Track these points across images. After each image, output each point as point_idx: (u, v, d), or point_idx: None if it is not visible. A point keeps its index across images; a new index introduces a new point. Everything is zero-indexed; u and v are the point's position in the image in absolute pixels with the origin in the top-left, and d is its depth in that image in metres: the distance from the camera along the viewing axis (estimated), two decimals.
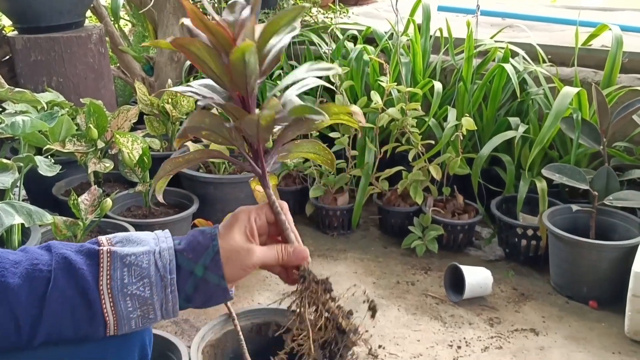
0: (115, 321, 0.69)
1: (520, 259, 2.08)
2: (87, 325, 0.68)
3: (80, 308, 0.67)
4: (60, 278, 0.67)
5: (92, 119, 2.02)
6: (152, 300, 0.70)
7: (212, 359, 1.32)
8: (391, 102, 2.23)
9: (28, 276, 0.67)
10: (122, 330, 0.70)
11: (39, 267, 0.68)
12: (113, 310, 0.68)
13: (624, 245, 1.73)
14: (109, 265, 0.69)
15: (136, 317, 0.70)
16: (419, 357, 1.58)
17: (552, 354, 1.59)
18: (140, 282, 0.70)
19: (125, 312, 0.69)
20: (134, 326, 0.71)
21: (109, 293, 0.68)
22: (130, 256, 0.70)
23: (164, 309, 0.71)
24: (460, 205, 2.23)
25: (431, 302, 1.86)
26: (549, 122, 1.94)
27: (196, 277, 0.71)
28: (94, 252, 0.70)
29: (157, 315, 0.71)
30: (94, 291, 0.68)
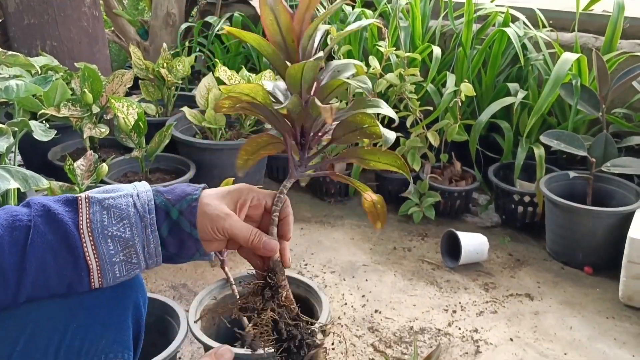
0: (98, 266, 0.68)
1: (516, 226, 2.09)
2: (71, 271, 0.68)
3: (63, 253, 0.67)
4: (41, 224, 0.67)
5: (86, 83, 1.99)
6: (134, 242, 0.70)
7: (210, 322, 1.33)
8: (389, 67, 2.21)
9: (8, 227, 0.66)
10: (107, 278, 0.70)
11: (19, 217, 0.67)
12: (95, 253, 0.68)
13: (620, 212, 1.73)
14: (88, 209, 0.69)
15: (119, 262, 0.70)
16: (415, 322, 1.60)
17: (546, 319, 1.61)
18: (120, 223, 0.69)
19: (108, 255, 0.69)
20: (118, 273, 0.70)
21: (89, 235, 0.68)
22: (108, 200, 0.70)
23: (146, 252, 0.71)
24: (457, 172, 2.23)
25: (427, 268, 1.87)
26: (547, 89, 1.93)
27: (171, 219, 0.71)
28: (72, 199, 0.70)
29: (140, 260, 0.71)
30: (75, 234, 0.67)
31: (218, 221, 0.71)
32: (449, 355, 1.47)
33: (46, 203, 0.69)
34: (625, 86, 1.84)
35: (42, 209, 0.68)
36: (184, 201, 0.72)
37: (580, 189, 1.91)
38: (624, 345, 1.50)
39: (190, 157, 2.13)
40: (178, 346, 1.18)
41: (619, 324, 1.59)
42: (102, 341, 0.73)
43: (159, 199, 0.72)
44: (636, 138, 1.93)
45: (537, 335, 1.54)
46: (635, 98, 2.03)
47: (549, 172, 1.99)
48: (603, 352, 1.47)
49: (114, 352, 0.75)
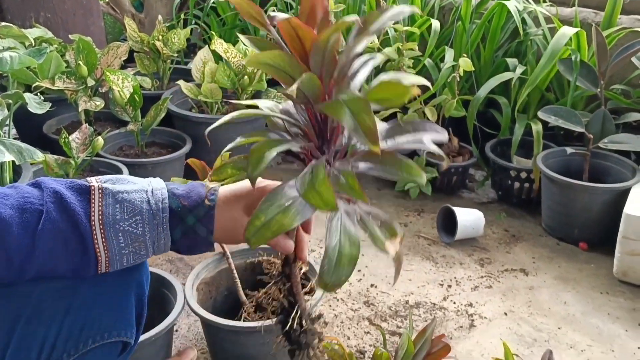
0: (107, 258, 0.68)
1: (512, 202, 2.09)
2: (79, 259, 0.68)
3: (73, 243, 0.66)
4: (53, 211, 0.66)
5: (81, 56, 1.97)
6: (144, 238, 0.70)
7: (207, 295, 1.34)
8: (387, 41, 2.19)
9: (19, 208, 0.65)
10: (114, 267, 0.70)
11: (30, 200, 0.67)
12: (105, 246, 0.68)
13: (617, 188, 1.74)
14: (101, 201, 0.68)
15: (128, 254, 0.70)
16: (410, 296, 1.61)
17: (541, 294, 1.62)
18: (133, 218, 0.69)
19: (117, 249, 0.69)
20: (126, 262, 0.71)
21: (101, 229, 0.67)
22: (122, 193, 0.69)
23: (156, 246, 0.71)
24: (455, 147, 2.22)
25: (423, 243, 1.88)
26: (543, 61, 1.92)
27: (186, 224, 0.71)
28: (85, 188, 0.69)
29: (148, 252, 0.71)
30: (86, 226, 0.67)
31: (236, 234, 0.73)
32: (443, 328, 1.48)
33: (59, 189, 0.68)
34: (624, 62, 1.83)
35: (54, 195, 0.67)
36: (201, 208, 0.71)
37: (577, 165, 1.91)
38: (617, 320, 1.51)
39: (186, 131, 2.12)
40: (175, 318, 1.18)
41: (613, 299, 1.60)
42: (104, 319, 0.74)
43: (174, 204, 0.71)
44: (634, 114, 1.92)
45: (531, 309, 1.56)
46: (634, 74, 2.02)
47: (546, 148, 1.99)
48: (597, 327, 1.49)
49: (116, 329, 0.75)
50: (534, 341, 1.44)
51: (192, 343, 1.43)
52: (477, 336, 1.46)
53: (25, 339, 0.68)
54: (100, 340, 0.73)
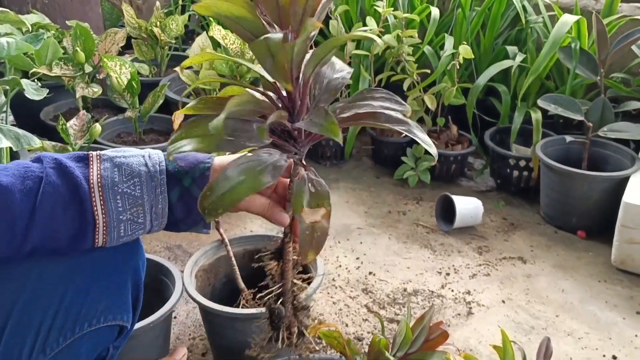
0: (104, 222, 0.68)
1: (511, 190, 2.09)
2: (78, 224, 0.67)
3: (72, 205, 0.67)
4: (52, 176, 0.66)
5: (78, 42, 1.96)
6: (143, 201, 0.70)
7: (205, 282, 1.34)
8: (387, 28, 2.18)
9: (20, 176, 0.66)
10: (111, 236, 0.69)
11: (31, 169, 0.67)
12: (103, 209, 0.68)
13: (615, 177, 1.74)
14: (99, 165, 0.69)
15: (125, 220, 0.69)
16: (408, 284, 1.61)
17: (538, 281, 1.63)
18: (131, 180, 0.69)
19: (115, 212, 0.68)
20: (123, 232, 0.70)
21: (99, 190, 0.68)
22: (120, 158, 0.70)
23: (153, 212, 0.71)
24: (454, 136, 2.22)
25: (422, 231, 1.88)
26: (545, 50, 1.91)
27: (182, 186, 0.72)
28: (83, 156, 0.70)
29: (145, 220, 0.71)
30: (85, 188, 0.67)
31: None
32: (441, 316, 1.49)
33: (58, 157, 0.69)
34: (624, 50, 1.82)
35: (54, 162, 0.68)
36: (197, 169, 0.72)
37: (576, 154, 1.91)
38: (615, 308, 1.52)
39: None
40: (173, 305, 1.18)
41: (610, 287, 1.60)
42: (101, 304, 0.74)
43: (171, 165, 0.72)
44: (634, 103, 1.92)
45: (529, 297, 1.56)
46: (634, 62, 2.02)
47: (546, 136, 1.99)
48: (594, 315, 1.49)
49: (113, 314, 0.75)
50: (532, 329, 1.44)
51: (190, 330, 1.43)
52: (475, 323, 1.46)
53: (21, 323, 0.68)
54: (97, 323, 0.74)
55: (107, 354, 0.81)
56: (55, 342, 0.71)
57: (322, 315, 1.48)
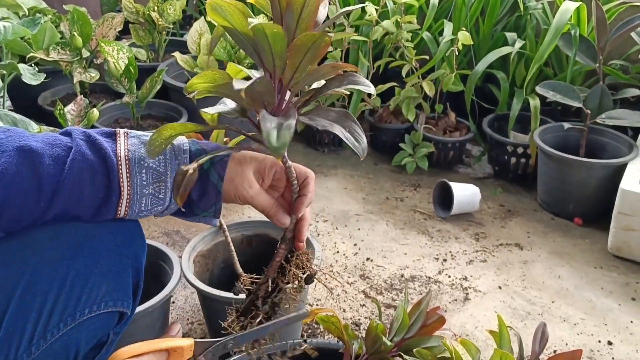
0: (129, 194, 0.71)
1: (509, 177, 2.10)
2: (103, 194, 0.70)
3: (99, 174, 0.69)
4: (82, 146, 0.69)
5: (76, 26, 1.94)
6: (166, 177, 0.72)
7: (203, 268, 1.34)
8: (386, 14, 2.17)
9: (49, 143, 0.68)
10: (133, 209, 0.72)
11: (59, 139, 0.69)
12: (129, 181, 0.70)
13: (613, 164, 1.74)
14: (127, 140, 0.72)
15: (148, 194, 0.72)
16: (406, 270, 1.62)
17: (535, 268, 1.64)
18: (157, 157, 0.72)
19: (140, 185, 0.71)
20: (144, 206, 0.73)
21: (126, 163, 0.70)
22: (145, 136, 0.73)
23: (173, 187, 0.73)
24: (452, 122, 2.22)
25: (419, 218, 1.89)
26: (548, 38, 1.90)
27: (202, 168, 0.74)
28: (111, 132, 0.73)
29: (166, 195, 0.73)
30: (113, 159, 0.69)
31: (241, 190, 0.75)
32: (438, 301, 1.50)
33: (87, 131, 0.71)
34: (623, 37, 1.82)
35: (83, 134, 0.70)
36: (217, 155, 0.75)
37: (574, 141, 1.91)
38: (610, 294, 1.53)
39: (181, 103, 2.11)
40: (171, 290, 1.19)
41: (606, 273, 1.61)
42: (102, 289, 0.74)
43: (194, 147, 0.75)
44: (632, 90, 1.92)
45: (525, 283, 1.57)
46: (633, 49, 2.01)
47: (544, 123, 1.99)
48: (590, 301, 1.50)
49: (113, 300, 0.75)
50: (528, 314, 1.45)
51: (188, 315, 1.44)
52: (472, 309, 1.47)
53: (22, 308, 0.68)
54: (97, 310, 0.74)
55: (107, 340, 0.81)
56: (55, 327, 0.71)
57: (319, 300, 1.49)
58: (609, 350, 1.34)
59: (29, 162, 0.65)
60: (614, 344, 1.36)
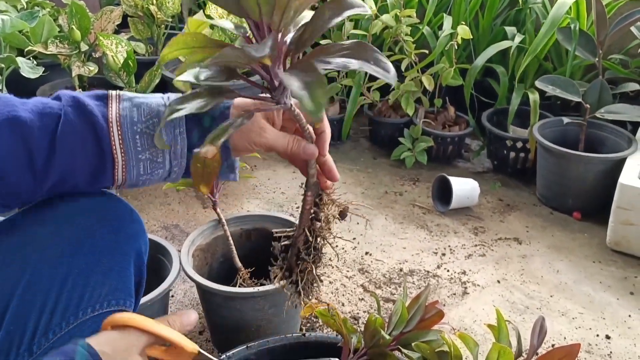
0: (123, 160, 0.68)
1: (507, 171, 2.10)
2: (97, 162, 0.68)
3: (90, 143, 0.67)
4: (71, 113, 0.66)
5: (74, 20, 1.94)
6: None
7: (202, 262, 1.34)
8: (385, 8, 2.16)
9: (39, 112, 0.65)
10: (131, 174, 0.69)
11: (49, 105, 0.67)
12: (122, 148, 0.67)
13: (612, 158, 1.74)
14: (118, 104, 0.68)
15: (145, 160, 0.69)
16: (404, 264, 1.62)
17: (533, 262, 1.64)
18: (150, 120, 0.69)
19: (134, 151, 0.68)
20: (142, 171, 0.70)
21: (118, 129, 0.67)
22: (139, 98, 0.70)
23: (172, 151, 0.70)
24: (451, 117, 2.22)
25: (418, 212, 1.89)
26: (544, 30, 1.90)
27: (203, 126, 0.70)
28: (102, 95, 0.69)
29: (165, 159, 0.70)
30: (103, 126, 0.67)
31: (254, 137, 0.70)
32: (437, 296, 1.50)
33: (76, 95, 0.68)
34: (623, 31, 1.82)
35: (72, 100, 0.67)
36: (217, 108, 0.71)
37: (573, 135, 1.91)
38: (608, 289, 1.53)
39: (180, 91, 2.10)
40: (171, 284, 1.19)
41: (605, 268, 1.62)
42: (104, 288, 0.73)
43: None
44: (632, 84, 1.91)
45: (523, 277, 1.57)
46: (633, 44, 2.01)
47: (543, 118, 1.98)
48: (588, 295, 1.51)
49: (115, 299, 0.74)
50: (526, 308, 1.46)
51: (187, 308, 1.44)
52: (470, 303, 1.47)
53: (22, 307, 0.68)
54: (100, 309, 0.72)
55: None
56: (57, 326, 0.69)
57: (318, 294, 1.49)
58: (607, 344, 1.34)
59: (19, 135, 0.64)
60: (611, 337, 1.36)
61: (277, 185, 2.02)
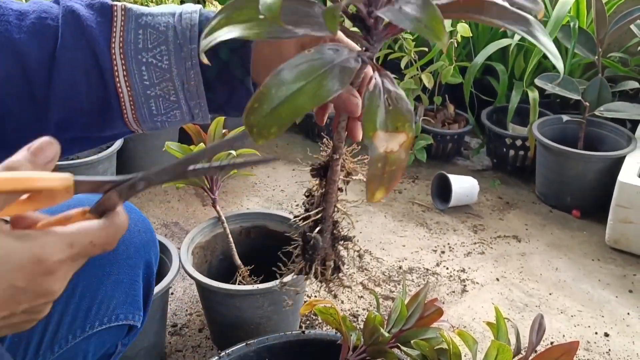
0: (130, 96, 0.58)
1: (507, 169, 2.10)
2: (102, 96, 0.58)
3: (93, 74, 0.57)
4: (69, 37, 0.56)
5: None
6: (171, 75, 0.57)
7: (202, 259, 1.34)
8: None
9: (36, 32, 0.56)
10: (141, 112, 0.59)
11: (47, 21, 0.56)
12: (127, 82, 0.57)
13: (611, 156, 1.74)
14: (123, 24, 0.57)
15: (155, 97, 0.58)
16: (404, 261, 1.62)
17: (532, 260, 1.64)
18: (157, 48, 0.57)
19: (141, 86, 0.58)
20: (155, 109, 0.59)
21: (122, 58, 0.57)
22: (146, 16, 0.57)
23: (186, 89, 0.58)
24: (450, 114, 2.22)
25: (417, 210, 1.89)
26: (548, 30, 1.89)
27: (219, 59, 0.58)
28: (107, 8, 0.58)
29: (179, 98, 0.59)
30: (106, 55, 0.56)
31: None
32: (436, 293, 1.50)
33: (77, 9, 0.57)
34: (622, 29, 1.82)
35: (71, 16, 0.56)
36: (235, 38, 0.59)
37: (572, 133, 1.91)
38: (607, 287, 1.53)
39: None
40: (170, 282, 1.19)
41: (604, 266, 1.62)
42: (112, 302, 0.71)
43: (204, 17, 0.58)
44: (631, 82, 1.91)
45: (523, 275, 1.58)
46: (632, 42, 2.01)
47: (542, 116, 1.99)
48: (587, 293, 1.51)
49: (124, 313, 0.73)
50: (525, 306, 1.46)
51: (187, 306, 1.45)
52: (469, 301, 1.47)
53: None
54: (107, 322, 0.71)
55: (115, 350, 0.78)
56: (64, 339, 0.68)
57: (317, 292, 1.49)
58: (605, 342, 1.35)
59: (16, 62, 0.55)
60: (610, 335, 1.36)
61: (276, 183, 2.02)
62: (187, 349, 1.32)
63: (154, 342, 1.23)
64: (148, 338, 1.21)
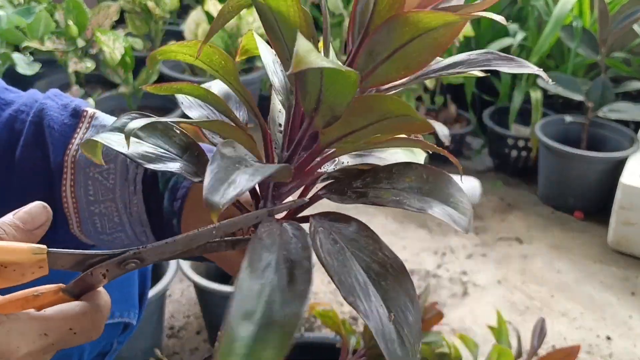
0: (75, 208, 0.53)
1: (509, 170, 2.08)
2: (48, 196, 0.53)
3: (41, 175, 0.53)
4: (31, 137, 0.53)
5: (71, 15, 1.92)
6: (114, 195, 0.53)
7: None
8: None
9: (7, 124, 0.54)
10: (87, 229, 0.55)
11: (22, 116, 0.54)
12: (73, 192, 0.53)
13: (614, 158, 1.73)
14: (85, 133, 0.53)
15: (100, 214, 0.54)
16: (405, 263, 1.60)
17: (534, 262, 1.62)
18: (105, 165, 0.53)
19: (85, 201, 0.53)
20: (100, 226, 0.54)
21: (72, 168, 0.53)
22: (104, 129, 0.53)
23: (129, 212, 0.54)
24: (452, 115, 2.20)
25: None
26: (548, 29, 1.88)
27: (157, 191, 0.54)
28: (78, 112, 0.55)
29: (122, 220, 0.54)
30: (60, 160, 0.53)
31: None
32: (437, 296, 1.48)
33: (48, 106, 0.54)
34: (626, 29, 1.80)
35: (39, 114, 0.54)
36: (178, 177, 0.53)
37: (575, 134, 1.90)
38: (609, 289, 1.52)
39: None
40: (168, 283, 1.18)
41: (606, 268, 1.60)
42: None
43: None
44: (634, 83, 1.90)
45: (524, 277, 1.56)
46: (636, 42, 1.99)
47: (545, 116, 1.97)
48: (589, 295, 1.49)
49: (119, 310, 0.72)
50: (527, 309, 1.44)
51: (185, 308, 1.43)
52: (470, 304, 1.46)
53: None
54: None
55: (110, 349, 0.77)
56: None
57: (317, 294, 1.47)
58: (607, 345, 1.33)
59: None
60: (612, 338, 1.35)
61: None
62: (184, 352, 1.31)
63: (151, 344, 1.22)
64: (145, 341, 1.19)
